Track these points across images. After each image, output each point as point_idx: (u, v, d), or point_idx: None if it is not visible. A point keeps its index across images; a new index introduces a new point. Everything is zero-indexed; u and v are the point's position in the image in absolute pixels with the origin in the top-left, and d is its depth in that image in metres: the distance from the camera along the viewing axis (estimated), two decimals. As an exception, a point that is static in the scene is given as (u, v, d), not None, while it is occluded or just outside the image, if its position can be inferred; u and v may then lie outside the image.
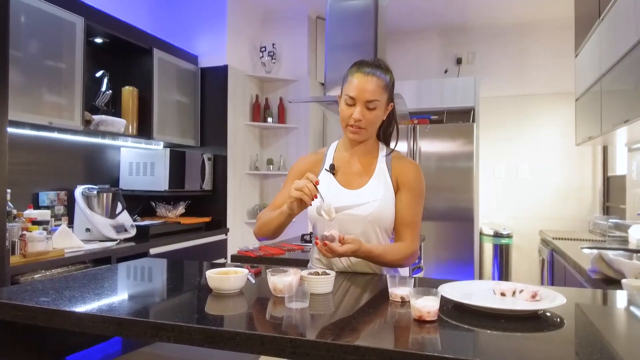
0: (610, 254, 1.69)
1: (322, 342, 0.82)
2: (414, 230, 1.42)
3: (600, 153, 4.25)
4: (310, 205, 1.26)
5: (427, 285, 1.10)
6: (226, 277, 1.13)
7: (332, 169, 1.47)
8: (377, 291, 1.22)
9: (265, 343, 0.84)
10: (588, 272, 1.83)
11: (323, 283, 1.15)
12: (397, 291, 1.10)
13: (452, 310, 1.03)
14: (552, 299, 1.03)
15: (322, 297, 1.14)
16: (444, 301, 1.04)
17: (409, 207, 1.41)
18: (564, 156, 4.38)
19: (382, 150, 1.50)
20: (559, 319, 1.00)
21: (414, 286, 1.10)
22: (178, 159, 3.35)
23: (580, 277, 2.11)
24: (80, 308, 1.01)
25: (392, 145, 1.52)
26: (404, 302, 1.08)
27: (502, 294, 1.10)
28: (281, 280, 1.10)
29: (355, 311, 1.04)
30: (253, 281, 1.24)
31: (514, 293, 1.09)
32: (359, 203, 1.39)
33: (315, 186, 1.24)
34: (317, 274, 1.18)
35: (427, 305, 0.92)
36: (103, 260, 2.49)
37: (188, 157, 3.45)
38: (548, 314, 1.02)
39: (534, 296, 1.05)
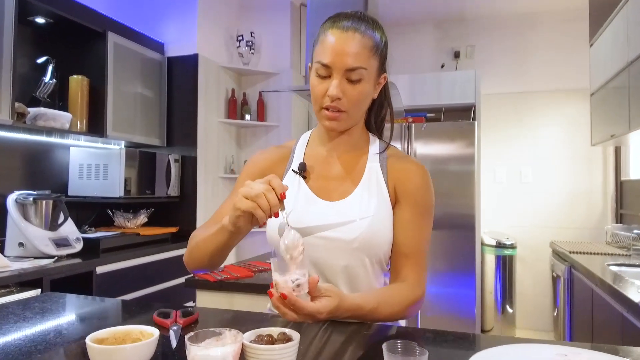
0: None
1: None
2: (420, 263, 0.98)
3: (612, 155, 3.86)
4: (262, 225, 0.81)
5: (446, 343, 0.67)
6: (117, 350, 0.68)
7: (303, 171, 1.02)
8: (364, 353, 0.79)
9: None
10: None
11: (278, 357, 0.70)
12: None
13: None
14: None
15: (276, 377, 0.71)
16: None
17: (413, 228, 0.97)
18: (571, 159, 3.99)
19: (374, 145, 1.05)
20: None
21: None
22: (140, 160, 2.89)
23: (620, 305, 1.70)
24: None
25: (386, 137, 1.08)
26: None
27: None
28: (207, 356, 0.66)
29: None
30: (174, 344, 0.80)
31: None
32: (340, 222, 0.95)
33: (280, 199, 0.79)
34: (270, 338, 0.73)
35: None
36: (33, 282, 2.04)
37: (151, 159, 3.00)
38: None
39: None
